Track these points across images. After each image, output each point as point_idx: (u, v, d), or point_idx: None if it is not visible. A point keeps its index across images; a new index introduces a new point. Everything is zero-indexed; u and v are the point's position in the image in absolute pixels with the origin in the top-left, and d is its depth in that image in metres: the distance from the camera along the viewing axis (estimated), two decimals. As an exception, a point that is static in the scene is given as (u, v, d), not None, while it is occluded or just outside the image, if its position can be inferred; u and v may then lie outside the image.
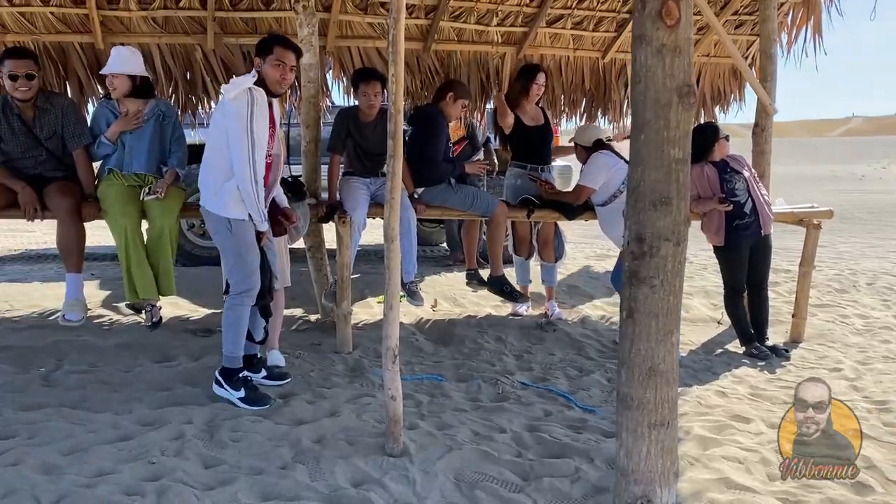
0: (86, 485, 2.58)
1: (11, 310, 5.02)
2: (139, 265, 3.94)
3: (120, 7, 4.99)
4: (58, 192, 4.01)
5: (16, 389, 3.53)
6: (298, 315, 5.17)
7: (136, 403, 3.40)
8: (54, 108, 4.11)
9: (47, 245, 8.05)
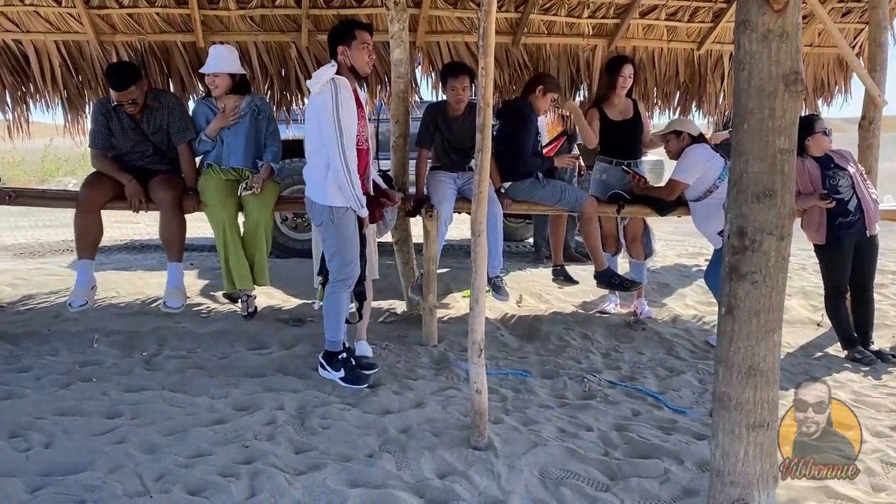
0: (184, 465, 2.69)
1: (117, 296, 5.29)
2: (236, 256, 4.09)
3: (220, 7, 5.17)
4: (162, 185, 4.20)
5: (121, 372, 3.72)
6: (385, 307, 5.24)
7: (231, 388, 3.52)
8: (161, 105, 4.29)
9: (150, 236, 8.45)
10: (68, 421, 3.02)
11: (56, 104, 5.72)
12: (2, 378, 3.54)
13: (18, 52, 5.42)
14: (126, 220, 9.24)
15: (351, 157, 3.48)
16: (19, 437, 2.86)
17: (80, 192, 4.20)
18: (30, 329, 4.42)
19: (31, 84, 5.62)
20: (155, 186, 4.21)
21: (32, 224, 9.71)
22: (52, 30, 5.25)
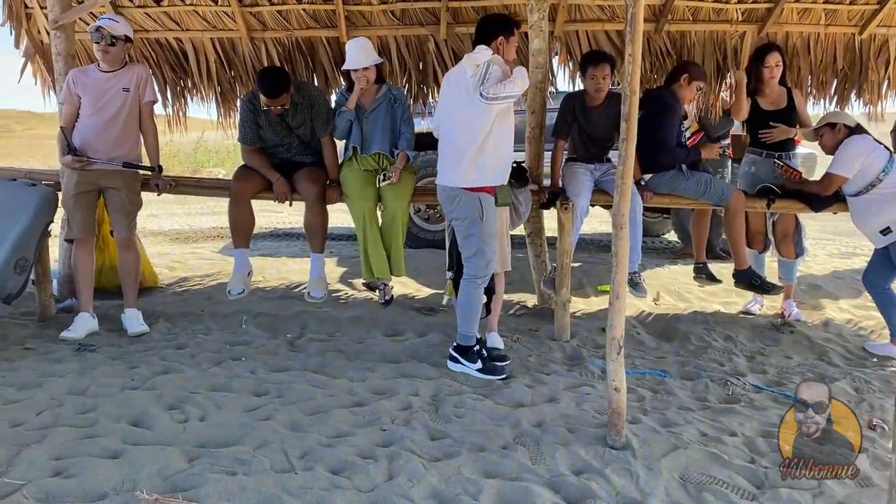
0: (326, 444, 2.79)
1: (264, 281, 5.57)
2: (375, 246, 4.19)
3: (363, 2, 5.32)
4: (307, 178, 4.36)
5: (268, 352, 3.91)
6: (515, 300, 5.21)
7: (368, 373, 3.61)
8: (305, 100, 4.46)
9: (292, 225, 8.85)
10: (220, 397, 3.21)
11: (210, 99, 6.09)
12: (161, 354, 3.81)
13: (178, 49, 5.80)
14: (270, 209, 9.73)
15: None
16: (177, 409, 3.06)
17: (233, 184, 4.44)
18: (185, 309, 4.74)
19: (188, 80, 6.01)
20: (300, 179, 4.39)
21: (186, 212, 10.42)
22: (209, 27, 5.59)
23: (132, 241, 4.31)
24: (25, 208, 4.14)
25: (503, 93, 3.45)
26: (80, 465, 2.49)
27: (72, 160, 4.07)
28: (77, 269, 4.22)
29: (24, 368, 3.48)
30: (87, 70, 4.30)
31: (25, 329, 4.21)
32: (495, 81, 3.48)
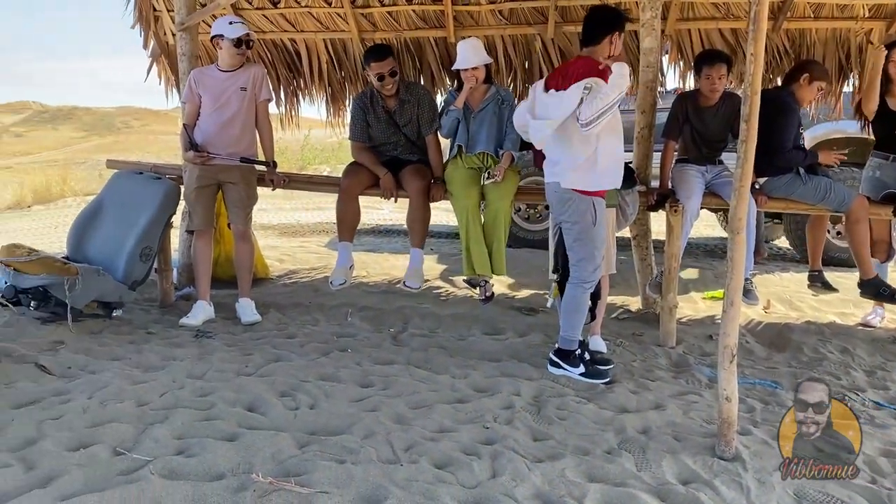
0: (430, 438, 2.83)
1: (367, 276, 5.71)
2: (477, 244, 4.22)
3: (471, 2, 5.36)
4: (413, 175, 4.44)
5: (372, 345, 4.00)
6: (618, 304, 5.13)
7: (470, 370, 3.64)
8: (413, 98, 4.54)
9: (392, 222, 9.02)
10: (329, 386, 3.31)
11: (320, 98, 6.28)
12: (273, 343, 3.97)
13: (292, 49, 6.02)
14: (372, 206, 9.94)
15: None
16: (288, 396, 3.18)
17: (342, 180, 4.57)
18: (294, 300, 4.91)
19: (300, 80, 6.23)
20: (406, 176, 4.47)
21: (292, 207, 10.79)
22: (322, 29, 5.77)
23: (248, 234, 4.51)
24: (151, 201, 4.40)
25: (597, 111, 3.28)
26: (201, 445, 2.63)
27: (194, 156, 4.29)
28: (196, 260, 4.45)
29: (148, 352, 3.70)
30: (207, 70, 4.52)
31: (148, 314, 4.47)
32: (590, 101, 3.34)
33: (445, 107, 4.52)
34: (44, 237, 8.19)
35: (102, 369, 3.38)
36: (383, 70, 4.35)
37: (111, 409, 2.92)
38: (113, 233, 4.37)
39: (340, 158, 17.08)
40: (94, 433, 2.70)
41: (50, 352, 3.56)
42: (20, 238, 7.54)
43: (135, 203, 4.40)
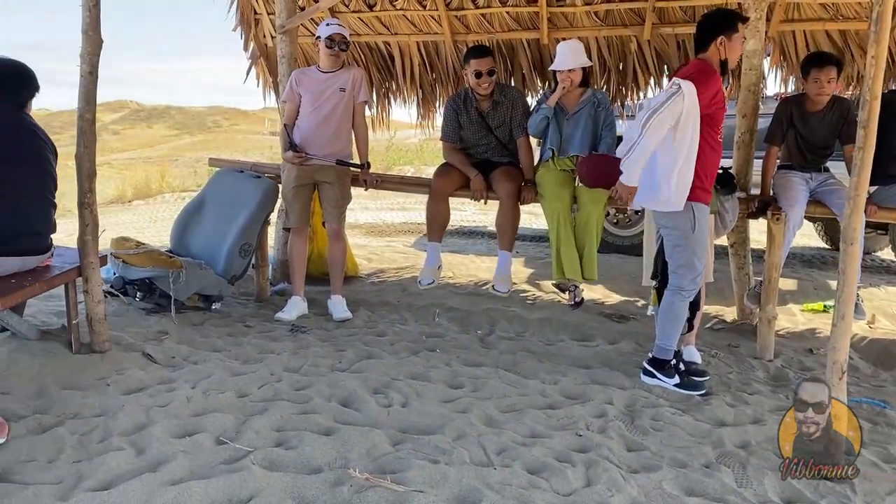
0: (522, 443, 2.81)
1: (453, 277, 5.73)
2: (567, 247, 4.18)
3: (567, 3, 5.31)
4: (503, 177, 4.44)
5: (460, 346, 4.01)
6: (713, 313, 4.97)
7: (559, 376, 3.60)
8: (506, 100, 4.53)
9: (475, 223, 9.03)
10: (420, 385, 3.33)
11: (411, 100, 6.35)
12: (364, 340, 4.03)
13: (386, 52, 6.10)
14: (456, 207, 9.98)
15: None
16: (381, 393, 3.22)
17: (433, 181, 4.61)
18: (383, 299, 4.98)
19: (392, 82, 6.31)
20: (497, 178, 4.47)
21: (377, 206, 10.95)
22: (415, 31, 5.83)
23: (342, 233, 4.60)
24: (251, 198, 4.54)
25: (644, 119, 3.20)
26: (299, 438, 2.69)
27: (292, 155, 4.40)
28: (292, 256, 4.56)
29: (247, 344, 3.82)
30: (308, 71, 4.63)
31: (245, 308, 4.61)
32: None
33: (537, 105, 4.50)
34: (144, 231, 8.57)
35: (204, 360, 3.51)
36: (482, 67, 4.37)
37: (213, 399, 3.03)
38: (214, 228, 4.54)
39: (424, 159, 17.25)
40: (198, 422, 2.80)
41: (155, 341, 3.72)
42: (122, 231, 7.91)
43: (235, 200, 4.56)
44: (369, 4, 5.67)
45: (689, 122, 3.21)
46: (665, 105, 3.15)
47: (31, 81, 3.29)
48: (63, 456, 2.50)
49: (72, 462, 2.46)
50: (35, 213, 3.22)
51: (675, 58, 5.44)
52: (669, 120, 3.18)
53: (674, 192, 3.31)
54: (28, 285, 3.05)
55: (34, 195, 3.22)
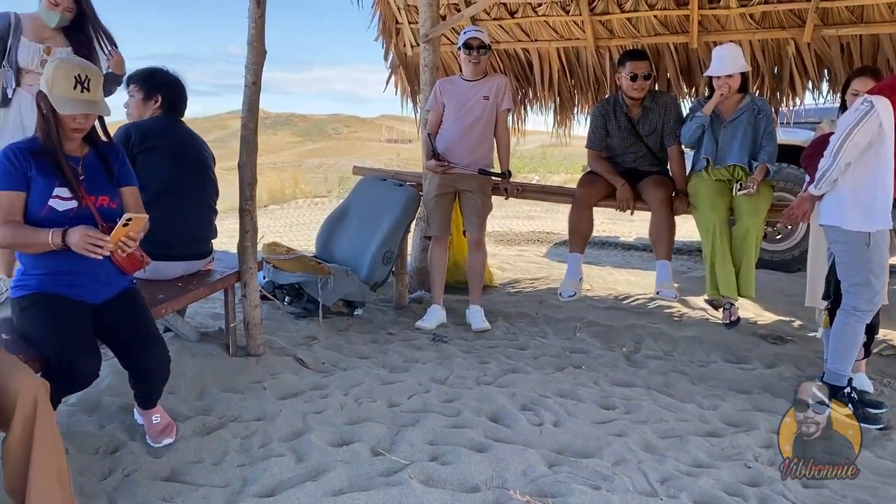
0: (686, 472, 2.63)
1: (591, 290, 5.55)
2: (723, 262, 3.94)
3: (720, 6, 5.05)
4: (653, 185, 4.25)
5: (606, 364, 3.86)
6: (880, 338, 4.55)
7: (718, 400, 3.38)
8: (658, 106, 4.34)
9: (607, 233, 8.77)
10: (570, 404, 3.21)
11: (548, 107, 6.24)
12: (506, 353, 3.95)
13: (525, 59, 6.02)
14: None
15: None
16: (530, 410, 3.13)
17: (577, 190, 4.47)
18: (520, 310, 4.88)
19: (530, 89, 6.22)
20: (646, 186, 4.29)
21: (504, 214, 10.84)
22: (556, 37, 5.72)
23: (482, 242, 4.55)
24: (394, 206, 4.57)
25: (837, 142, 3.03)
26: (454, 453, 2.64)
27: (435, 164, 4.39)
28: (432, 265, 4.55)
29: (392, 352, 3.83)
30: (452, 79, 4.62)
31: (385, 315, 4.64)
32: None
33: (691, 113, 4.27)
34: (282, 235, 8.87)
35: (353, 366, 3.54)
36: (638, 70, 4.21)
37: (366, 407, 3.03)
38: (358, 235, 4.60)
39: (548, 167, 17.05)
40: (353, 430, 2.81)
41: (304, 346, 3.79)
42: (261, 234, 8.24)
43: (379, 208, 4.60)
44: (511, 11, 5.61)
45: (882, 140, 3.00)
46: (858, 126, 2.96)
47: (186, 91, 3.44)
48: (228, 458, 2.56)
49: (236, 466, 2.51)
50: (198, 219, 3.36)
51: (839, 62, 5.06)
52: (863, 140, 3.00)
53: (861, 211, 3.06)
54: (193, 289, 3.17)
55: (198, 202, 3.36)
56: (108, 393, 2.96)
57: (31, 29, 3.44)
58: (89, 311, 2.44)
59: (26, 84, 3.43)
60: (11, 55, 3.39)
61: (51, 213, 2.36)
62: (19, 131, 3.33)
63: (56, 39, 3.49)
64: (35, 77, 3.37)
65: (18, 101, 3.44)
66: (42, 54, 3.42)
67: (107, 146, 2.59)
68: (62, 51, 3.45)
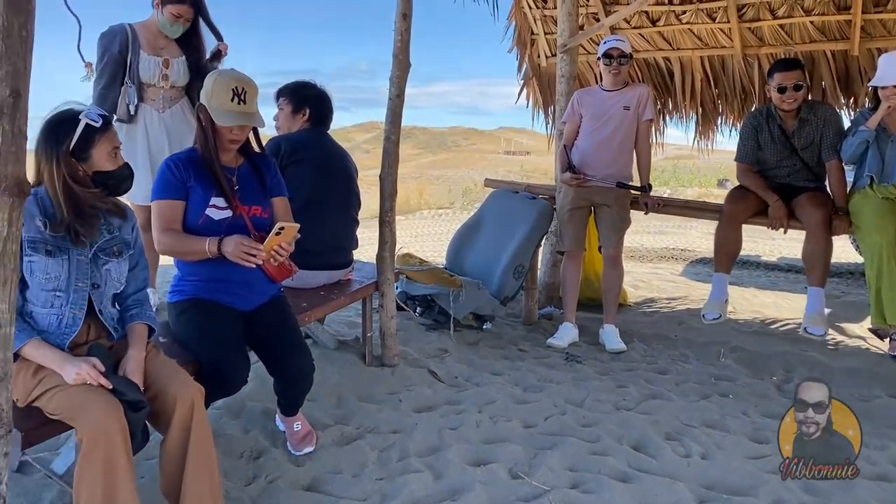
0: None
1: (734, 312, 5.23)
2: (891, 288, 3.59)
3: (887, 9, 4.65)
4: (810, 203, 3.94)
5: (755, 393, 3.59)
6: None
7: (886, 440, 3.06)
8: (816, 118, 4.03)
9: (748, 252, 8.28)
10: (719, 436, 3.00)
11: (689, 118, 5.97)
12: (645, 376, 3.76)
13: (665, 68, 5.79)
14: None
15: None
16: (675, 440, 2.94)
17: (725, 205, 4.22)
18: (658, 331, 4.66)
19: (670, 99, 5.97)
20: (802, 204, 3.98)
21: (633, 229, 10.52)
22: (700, 46, 5.46)
23: (619, 259, 4.38)
24: (526, 219, 4.48)
25: None
26: (596, 482, 2.51)
27: (570, 177, 4.26)
28: (565, 281, 4.42)
29: (525, 370, 3.73)
30: (591, 90, 4.48)
31: (514, 330, 4.55)
32: None
33: (853, 127, 3.93)
34: (409, 246, 8.99)
35: (485, 382, 3.47)
36: (787, 82, 3.92)
37: (501, 426, 2.96)
38: (489, 248, 4.54)
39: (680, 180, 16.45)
40: (490, 450, 2.73)
41: (437, 358, 3.76)
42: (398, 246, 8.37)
43: (511, 221, 4.53)
44: (652, 20, 5.41)
45: None
46: None
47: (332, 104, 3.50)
48: (367, 471, 2.55)
49: (375, 479, 2.50)
50: (342, 229, 3.40)
51: None
52: None
53: None
54: (334, 298, 3.20)
55: (342, 213, 3.40)
56: (251, 398, 3.03)
57: (145, 40, 3.43)
58: (241, 318, 2.50)
59: (149, 99, 3.47)
60: (133, 70, 3.39)
61: (207, 221, 2.44)
62: (145, 147, 3.42)
63: (171, 49, 3.49)
64: (156, 91, 3.47)
65: (143, 116, 3.46)
66: (161, 68, 3.44)
67: (260, 157, 2.66)
68: (177, 61, 3.49)
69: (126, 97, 3.41)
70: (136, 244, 2.19)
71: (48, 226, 1.92)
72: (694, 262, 7.52)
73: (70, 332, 1.97)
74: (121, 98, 3.40)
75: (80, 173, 1.97)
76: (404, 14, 3.29)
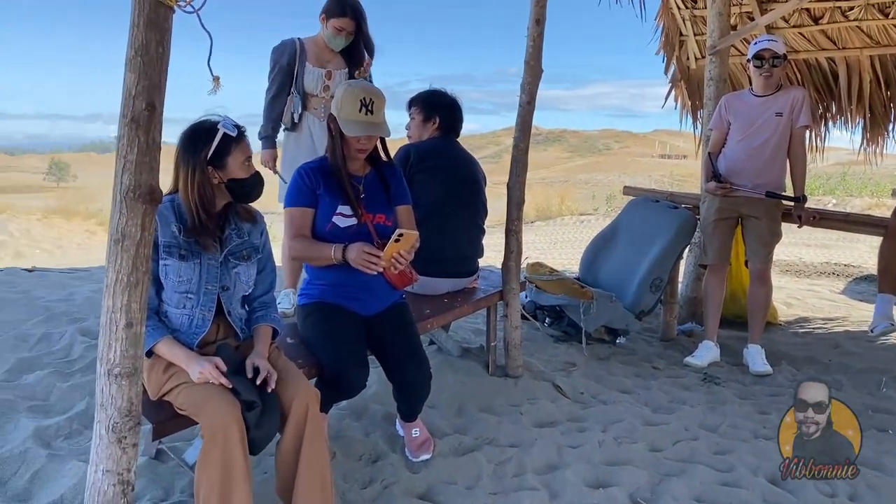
0: None
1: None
2: None
3: None
4: None
5: None
6: None
7: None
8: None
9: None
10: (871, 475, 2.71)
11: (856, 123, 5.49)
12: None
13: (828, 69, 5.35)
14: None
15: None
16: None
17: (892, 220, 3.82)
18: (809, 354, 4.30)
19: (833, 103, 5.51)
20: None
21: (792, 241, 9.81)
22: (871, 44, 5.00)
23: (767, 274, 4.08)
24: (666, 230, 4.27)
25: None
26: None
27: (716, 186, 4.02)
28: (707, 296, 4.18)
29: (656, 389, 3.55)
30: (740, 95, 4.20)
31: (650, 346, 4.35)
32: None
33: None
34: (546, 252, 8.89)
35: (613, 401, 3.34)
36: None
37: (625, 448, 2.82)
38: (625, 259, 4.38)
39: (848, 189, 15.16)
40: (611, 472, 2.62)
41: (563, 372, 3.66)
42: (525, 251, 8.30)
43: (649, 231, 4.34)
44: (815, 17, 5.01)
45: None
46: None
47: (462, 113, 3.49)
48: (481, 484, 2.52)
49: (489, 493, 2.45)
50: (467, 238, 3.39)
51: None
52: None
53: None
54: (458, 306, 3.20)
55: (468, 221, 3.39)
56: (375, 400, 3.08)
57: (312, 54, 3.63)
58: (363, 323, 2.55)
59: (312, 108, 3.65)
60: (298, 81, 3.60)
61: (333, 228, 2.50)
62: (311, 153, 3.57)
63: (335, 62, 3.67)
64: (319, 101, 3.63)
65: (307, 124, 3.67)
66: (324, 80, 3.62)
67: (387, 166, 2.70)
68: (340, 72, 3.67)
69: (291, 106, 3.63)
70: (265, 248, 2.28)
71: (182, 231, 2.04)
72: (858, 280, 6.90)
73: (199, 332, 2.07)
74: (286, 107, 3.63)
75: (214, 181, 2.07)
76: (537, 20, 3.23)
